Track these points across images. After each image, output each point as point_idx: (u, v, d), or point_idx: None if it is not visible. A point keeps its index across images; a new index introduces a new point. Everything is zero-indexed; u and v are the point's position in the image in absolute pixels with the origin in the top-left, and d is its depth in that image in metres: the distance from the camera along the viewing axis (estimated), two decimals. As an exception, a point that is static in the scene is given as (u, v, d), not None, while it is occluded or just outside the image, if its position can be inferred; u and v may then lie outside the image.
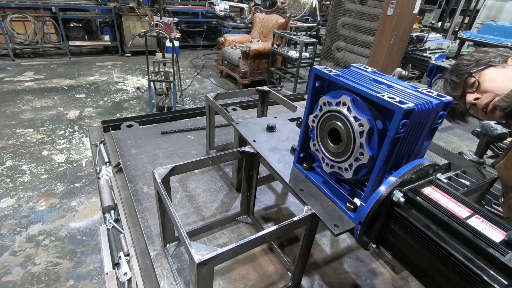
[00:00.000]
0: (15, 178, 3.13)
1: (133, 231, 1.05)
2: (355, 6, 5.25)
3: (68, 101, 4.86)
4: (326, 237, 1.11)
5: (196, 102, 5.35)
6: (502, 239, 0.53)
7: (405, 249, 0.64)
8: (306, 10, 8.46)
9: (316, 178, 0.86)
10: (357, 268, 0.99)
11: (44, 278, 2.20)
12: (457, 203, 0.62)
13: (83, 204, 2.90)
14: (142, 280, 0.89)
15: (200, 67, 7.11)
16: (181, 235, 0.66)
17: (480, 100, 0.99)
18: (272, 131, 1.10)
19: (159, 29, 3.84)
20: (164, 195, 0.76)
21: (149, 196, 1.18)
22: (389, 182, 0.64)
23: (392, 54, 5.05)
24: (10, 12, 6.11)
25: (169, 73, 4.26)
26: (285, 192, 1.31)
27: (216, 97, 1.32)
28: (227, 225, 1.11)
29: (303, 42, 5.12)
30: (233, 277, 0.92)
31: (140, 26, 6.85)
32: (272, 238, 0.73)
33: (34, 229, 2.57)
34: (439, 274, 0.58)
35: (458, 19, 9.35)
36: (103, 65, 6.67)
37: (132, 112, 4.72)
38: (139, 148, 1.48)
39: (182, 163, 0.86)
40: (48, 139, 3.84)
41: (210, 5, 7.87)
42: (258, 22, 6.53)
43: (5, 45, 6.19)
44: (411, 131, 0.66)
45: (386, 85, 0.73)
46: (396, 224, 0.65)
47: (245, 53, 5.55)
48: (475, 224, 0.56)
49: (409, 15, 4.85)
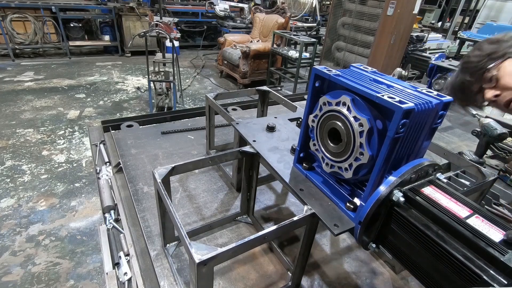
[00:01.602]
0: (15, 178, 3.13)
1: (133, 231, 1.05)
2: (355, 6, 5.25)
3: (68, 101, 4.86)
4: (326, 237, 1.11)
5: (196, 102, 5.35)
6: (501, 239, 0.53)
7: (405, 248, 0.65)
8: (306, 10, 8.46)
9: (316, 178, 0.86)
10: (357, 268, 0.99)
11: (44, 278, 2.20)
12: (457, 202, 0.62)
13: (83, 204, 2.90)
14: (142, 280, 0.89)
15: (200, 67, 7.11)
16: (181, 235, 0.66)
17: (501, 97, 0.91)
18: (272, 131, 1.10)
19: (159, 29, 3.84)
20: (164, 195, 0.76)
21: (149, 196, 1.18)
22: (389, 182, 0.64)
23: (392, 54, 5.05)
24: (10, 12, 6.11)
25: (169, 73, 4.26)
26: (285, 192, 1.31)
27: (216, 97, 1.32)
28: (227, 225, 1.11)
29: (303, 42, 5.12)
30: (233, 277, 0.92)
31: (140, 26, 6.84)
32: (272, 238, 0.73)
33: (34, 229, 2.57)
34: (439, 274, 0.58)
35: (458, 19, 9.35)
36: (103, 65, 6.67)
37: (132, 112, 4.72)
38: (139, 148, 1.48)
39: (182, 163, 0.86)
40: (48, 139, 3.84)
41: (210, 5, 7.87)
42: (258, 22, 6.53)
43: (5, 45, 6.19)
44: (411, 131, 0.66)
45: (386, 85, 0.73)
46: (396, 224, 0.65)
47: (245, 53, 5.55)
48: (475, 224, 0.56)
49: (409, 15, 4.85)
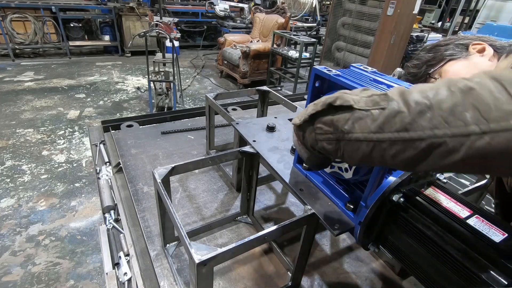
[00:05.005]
0: (15, 178, 3.13)
1: (133, 231, 1.05)
2: (355, 6, 5.25)
3: (68, 101, 4.86)
4: (326, 237, 1.11)
5: (196, 102, 5.35)
6: (502, 239, 0.53)
7: (405, 249, 0.65)
8: (306, 10, 8.46)
9: (316, 178, 0.86)
10: (357, 268, 0.99)
11: (44, 278, 2.20)
12: (457, 203, 0.62)
13: (83, 204, 2.90)
14: (142, 280, 0.89)
15: (200, 67, 7.11)
16: (181, 235, 0.66)
17: None
18: (272, 131, 1.10)
19: (159, 29, 3.84)
20: (164, 195, 0.76)
21: (149, 196, 1.18)
22: (389, 182, 0.64)
23: (392, 54, 5.05)
24: (10, 12, 6.11)
25: (169, 73, 4.26)
26: (285, 192, 1.31)
27: (216, 97, 1.32)
28: (227, 225, 1.11)
29: (303, 42, 5.12)
30: (233, 277, 0.92)
31: (140, 26, 6.84)
32: (272, 238, 0.73)
33: (34, 229, 2.57)
34: (438, 274, 0.58)
35: (458, 19, 9.34)
36: (103, 65, 6.67)
37: (132, 112, 4.72)
38: (139, 148, 1.48)
39: (182, 163, 0.86)
40: (48, 139, 3.84)
41: (210, 5, 7.87)
42: (258, 22, 6.53)
43: (5, 45, 6.19)
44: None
45: (386, 85, 0.73)
46: (396, 224, 0.65)
47: (245, 53, 5.55)
48: (475, 224, 0.56)
49: (409, 15, 4.85)
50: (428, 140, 0.39)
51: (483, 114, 0.36)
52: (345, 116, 0.48)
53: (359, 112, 0.46)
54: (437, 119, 0.39)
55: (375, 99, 0.46)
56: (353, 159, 0.49)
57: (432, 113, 0.39)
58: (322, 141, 0.52)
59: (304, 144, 0.58)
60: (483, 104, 0.37)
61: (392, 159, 0.44)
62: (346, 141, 0.48)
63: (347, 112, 0.48)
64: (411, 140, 0.41)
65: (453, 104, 0.38)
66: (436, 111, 0.39)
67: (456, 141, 0.38)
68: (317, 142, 0.53)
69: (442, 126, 0.39)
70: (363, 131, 0.45)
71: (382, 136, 0.43)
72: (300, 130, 0.57)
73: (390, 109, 0.43)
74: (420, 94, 0.42)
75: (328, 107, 0.50)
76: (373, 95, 0.47)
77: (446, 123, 0.38)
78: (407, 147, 0.41)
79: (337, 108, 0.49)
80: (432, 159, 0.40)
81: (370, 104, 0.46)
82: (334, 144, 0.50)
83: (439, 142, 0.39)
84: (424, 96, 0.41)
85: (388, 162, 0.45)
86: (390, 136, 0.43)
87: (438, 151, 0.39)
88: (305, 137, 0.56)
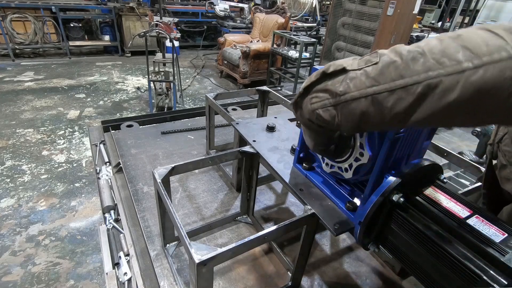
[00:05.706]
0: (15, 178, 3.13)
1: (133, 231, 1.05)
2: (355, 6, 5.25)
3: (68, 101, 4.87)
4: (326, 237, 1.11)
5: (196, 102, 5.35)
6: (502, 239, 0.53)
7: (405, 249, 0.64)
8: (306, 10, 8.47)
9: (316, 178, 0.86)
10: (357, 268, 0.99)
11: (44, 278, 2.20)
12: (457, 203, 0.62)
13: (83, 204, 2.90)
14: (142, 280, 0.89)
15: (200, 67, 7.11)
16: (181, 235, 0.66)
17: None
18: (272, 131, 1.10)
19: (159, 29, 3.84)
20: (164, 195, 0.76)
21: (149, 196, 1.18)
22: (389, 182, 0.64)
23: (392, 54, 5.04)
24: (10, 12, 6.11)
25: (169, 73, 4.26)
26: (285, 192, 1.31)
27: (216, 97, 1.32)
28: (227, 225, 1.11)
29: (303, 42, 5.12)
30: (233, 277, 0.92)
31: (140, 26, 6.85)
32: (272, 238, 0.73)
33: (34, 229, 2.57)
34: (438, 274, 0.58)
35: (458, 19, 9.35)
36: (103, 65, 6.67)
37: (132, 112, 4.72)
38: (139, 148, 1.48)
39: (182, 163, 0.86)
40: (48, 139, 3.84)
41: (210, 5, 7.87)
42: (258, 22, 6.53)
43: (5, 45, 6.20)
44: (411, 131, 0.66)
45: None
46: (396, 224, 0.65)
47: (245, 53, 5.55)
48: (475, 224, 0.56)
49: (409, 15, 4.85)
50: (424, 82, 0.40)
51: (474, 51, 0.38)
52: (339, 79, 0.48)
53: (352, 72, 0.47)
54: (431, 62, 0.40)
55: (367, 58, 0.47)
56: (351, 122, 0.49)
57: (425, 58, 0.41)
58: (319, 109, 0.51)
59: (303, 120, 0.57)
60: (473, 43, 0.38)
61: (390, 111, 0.44)
62: (342, 104, 0.48)
63: (341, 75, 0.48)
64: (407, 85, 0.41)
65: (444, 47, 0.40)
66: (428, 55, 0.40)
67: (452, 79, 0.38)
68: (313, 113, 0.53)
69: (436, 67, 0.39)
70: (358, 88, 0.45)
71: (378, 89, 0.44)
72: (298, 107, 0.56)
73: (383, 62, 0.44)
74: (412, 46, 0.43)
75: (322, 75, 0.50)
76: (365, 55, 0.48)
77: (440, 64, 0.39)
78: (404, 94, 0.42)
79: (331, 75, 0.49)
80: (429, 102, 0.41)
81: (363, 63, 0.46)
82: (330, 110, 0.50)
83: (435, 82, 0.39)
84: (416, 45, 0.43)
85: (387, 117, 0.45)
86: (386, 86, 0.43)
87: (434, 92, 0.40)
88: (303, 114, 0.55)
